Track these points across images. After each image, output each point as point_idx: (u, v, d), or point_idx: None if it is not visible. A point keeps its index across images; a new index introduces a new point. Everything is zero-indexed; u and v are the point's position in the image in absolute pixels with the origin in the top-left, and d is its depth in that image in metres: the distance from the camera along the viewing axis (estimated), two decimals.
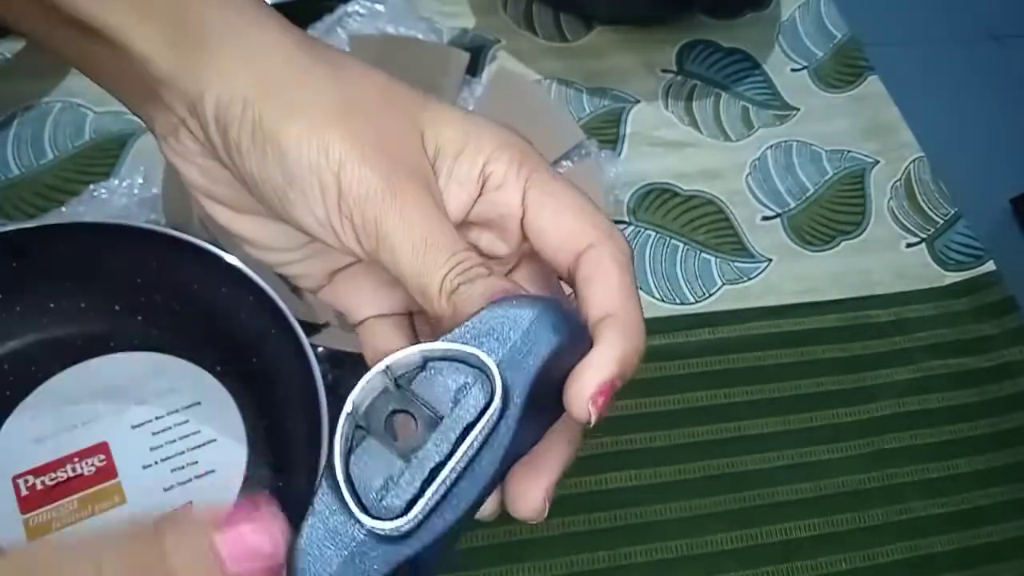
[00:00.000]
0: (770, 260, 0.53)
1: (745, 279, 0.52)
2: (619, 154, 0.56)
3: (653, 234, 0.53)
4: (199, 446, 0.42)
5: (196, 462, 0.42)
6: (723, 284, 0.52)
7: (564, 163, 0.53)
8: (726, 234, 0.54)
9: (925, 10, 1.58)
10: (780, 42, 0.63)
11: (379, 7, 0.58)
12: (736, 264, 0.53)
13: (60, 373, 0.43)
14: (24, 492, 0.40)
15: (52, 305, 0.43)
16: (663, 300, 0.51)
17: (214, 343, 0.44)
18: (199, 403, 0.43)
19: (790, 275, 0.53)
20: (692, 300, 0.51)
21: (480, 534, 0.42)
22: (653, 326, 0.50)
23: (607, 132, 0.57)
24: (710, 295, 0.51)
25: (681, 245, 0.53)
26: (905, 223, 0.56)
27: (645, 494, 0.44)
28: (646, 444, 0.46)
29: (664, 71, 0.61)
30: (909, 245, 0.55)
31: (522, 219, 0.26)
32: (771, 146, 0.58)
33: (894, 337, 0.51)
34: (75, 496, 0.40)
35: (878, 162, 0.58)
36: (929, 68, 1.47)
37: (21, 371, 0.43)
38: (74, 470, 0.41)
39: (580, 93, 0.59)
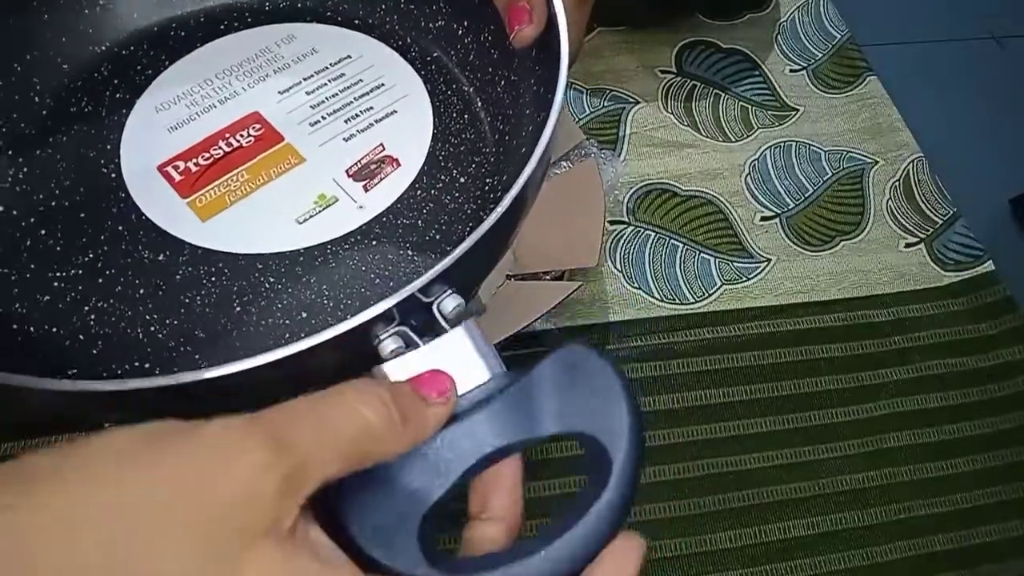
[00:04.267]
0: (769, 260, 0.53)
1: (744, 279, 0.52)
2: (619, 154, 0.56)
3: (653, 234, 0.53)
4: (367, 93, 0.39)
5: (371, 108, 0.39)
6: (723, 284, 0.52)
7: (564, 163, 0.53)
8: (725, 234, 0.54)
9: (924, 10, 1.58)
10: (779, 43, 0.63)
11: None
12: (735, 264, 0.53)
13: (178, 61, 0.40)
14: (178, 178, 0.36)
15: None
16: (663, 300, 0.51)
17: None
18: (349, 56, 0.40)
19: (789, 275, 0.53)
20: (692, 300, 0.51)
21: None
22: (653, 326, 0.50)
23: (607, 132, 0.57)
24: (710, 295, 0.51)
25: (681, 245, 0.53)
26: (904, 223, 0.56)
27: (645, 493, 0.44)
28: (646, 444, 0.46)
29: (663, 72, 0.61)
30: (908, 245, 0.55)
31: None
32: (770, 146, 0.58)
33: (893, 337, 0.51)
34: (242, 167, 0.37)
35: (877, 162, 0.58)
36: (929, 68, 1.47)
37: (140, 60, 0.39)
38: (229, 144, 0.37)
39: (580, 93, 0.59)
